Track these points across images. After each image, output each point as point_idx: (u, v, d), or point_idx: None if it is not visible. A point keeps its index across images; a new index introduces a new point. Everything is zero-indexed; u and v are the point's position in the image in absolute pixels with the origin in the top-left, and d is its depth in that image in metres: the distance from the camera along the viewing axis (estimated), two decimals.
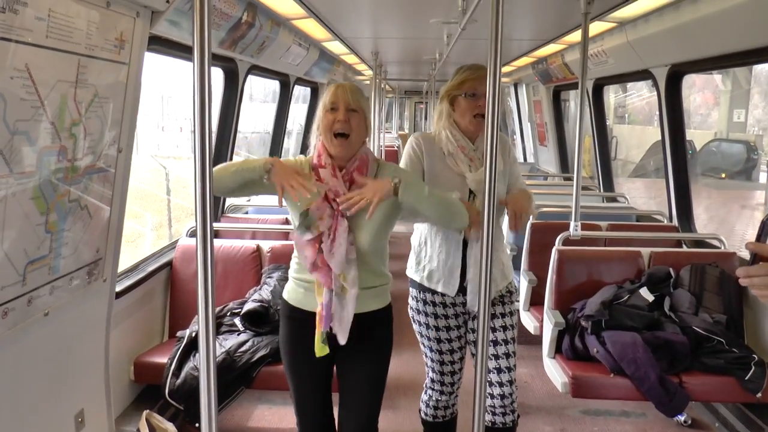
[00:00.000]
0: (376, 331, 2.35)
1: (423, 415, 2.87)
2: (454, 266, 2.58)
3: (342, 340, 2.22)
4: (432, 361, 2.75)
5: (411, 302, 2.73)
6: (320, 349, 2.25)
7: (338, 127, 2.22)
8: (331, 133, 2.23)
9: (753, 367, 3.01)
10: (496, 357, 2.66)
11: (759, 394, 3.00)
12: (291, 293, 2.38)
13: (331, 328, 2.22)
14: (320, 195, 2.22)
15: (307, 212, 2.22)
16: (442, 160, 2.57)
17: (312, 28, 4.34)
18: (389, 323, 2.41)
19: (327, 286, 2.21)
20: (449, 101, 2.59)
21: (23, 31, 1.70)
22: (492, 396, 2.67)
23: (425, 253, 2.65)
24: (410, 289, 2.73)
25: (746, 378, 2.99)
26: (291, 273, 2.40)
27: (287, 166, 2.20)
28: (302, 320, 2.31)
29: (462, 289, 2.61)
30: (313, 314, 2.25)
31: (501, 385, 2.66)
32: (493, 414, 2.69)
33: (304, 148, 7.20)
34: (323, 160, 2.26)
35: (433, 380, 2.79)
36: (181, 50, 3.04)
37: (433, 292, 2.65)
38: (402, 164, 2.62)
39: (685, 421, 3.66)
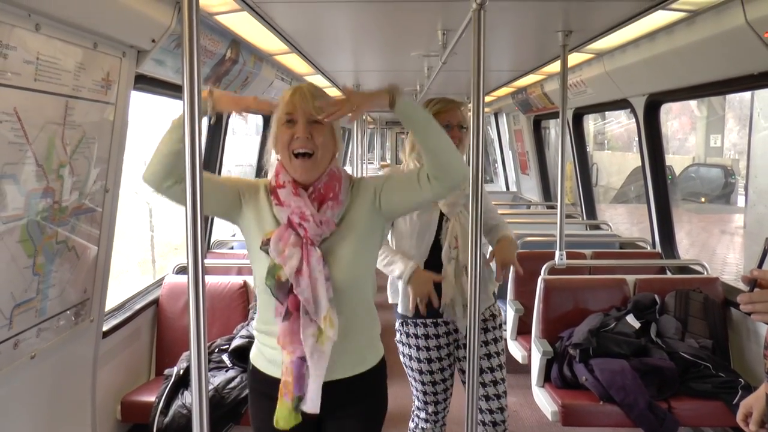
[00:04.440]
0: (369, 394, 1.93)
1: None
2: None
3: (313, 408, 1.74)
4: (416, 390, 2.76)
5: (396, 330, 2.73)
6: (288, 419, 1.75)
7: (298, 146, 1.75)
8: (289, 152, 1.77)
9: (740, 391, 3.03)
10: (484, 384, 2.68)
11: None
12: (258, 355, 1.93)
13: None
14: (282, 222, 1.79)
15: (268, 245, 1.76)
16: None
17: (294, 62, 4.38)
18: (383, 381, 1.98)
19: (296, 341, 1.74)
20: None
21: (12, 75, 1.72)
22: (483, 423, 2.69)
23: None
24: (395, 317, 2.74)
25: (734, 402, 3.00)
26: (255, 326, 1.94)
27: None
28: (273, 393, 1.82)
29: (437, 313, 2.60)
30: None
31: (491, 412, 2.68)
32: None
33: None
34: (281, 179, 1.81)
35: (418, 408, 2.79)
36: (168, 88, 3.06)
37: (416, 324, 2.66)
38: None
39: None
